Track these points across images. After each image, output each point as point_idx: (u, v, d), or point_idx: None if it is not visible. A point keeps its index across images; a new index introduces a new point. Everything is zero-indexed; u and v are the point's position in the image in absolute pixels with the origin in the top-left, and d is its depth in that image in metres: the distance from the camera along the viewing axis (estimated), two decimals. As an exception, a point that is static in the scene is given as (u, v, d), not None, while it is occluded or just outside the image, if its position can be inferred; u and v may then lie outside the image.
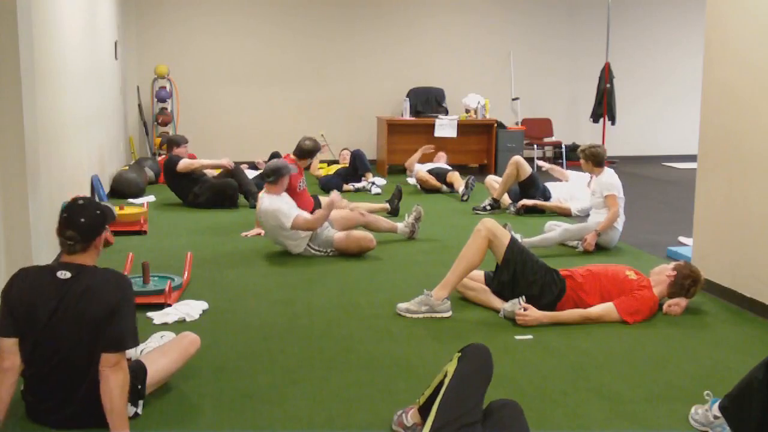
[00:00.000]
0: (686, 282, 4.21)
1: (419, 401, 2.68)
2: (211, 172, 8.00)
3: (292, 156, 6.38)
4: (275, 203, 5.31)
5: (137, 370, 2.82)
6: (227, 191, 7.41)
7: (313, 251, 5.47)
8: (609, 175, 5.82)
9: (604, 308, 4.06)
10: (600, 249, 5.71)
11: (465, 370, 2.46)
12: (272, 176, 5.38)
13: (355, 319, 4.09)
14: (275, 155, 8.15)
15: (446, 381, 2.45)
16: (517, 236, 5.47)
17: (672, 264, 4.34)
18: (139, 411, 2.83)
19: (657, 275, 4.28)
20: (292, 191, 6.23)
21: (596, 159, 5.84)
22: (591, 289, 4.13)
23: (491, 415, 2.38)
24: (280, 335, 3.83)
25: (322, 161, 10.41)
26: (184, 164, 7.38)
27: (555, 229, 5.92)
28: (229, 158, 7.77)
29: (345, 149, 9.62)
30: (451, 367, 2.49)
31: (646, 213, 6.19)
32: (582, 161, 5.96)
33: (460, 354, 2.55)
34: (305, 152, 6.33)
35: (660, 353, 3.66)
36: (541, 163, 8.00)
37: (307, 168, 6.81)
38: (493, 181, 7.56)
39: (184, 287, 4.54)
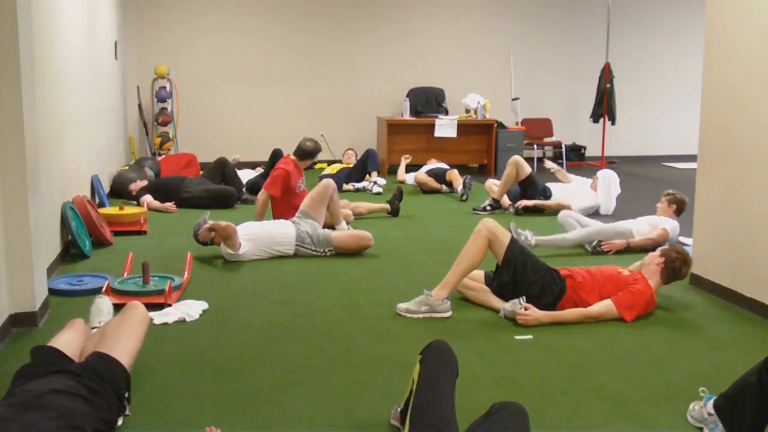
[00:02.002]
0: (677, 264, 4.25)
1: (401, 405, 2.69)
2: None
3: (292, 156, 6.37)
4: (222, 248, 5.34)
5: (119, 377, 2.70)
6: (226, 199, 7.47)
7: (310, 251, 5.46)
8: (676, 224, 5.87)
9: (604, 306, 4.07)
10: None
11: (428, 373, 2.48)
12: (205, 242, 5.38)
13: (355, 319, 4.09)
14: (277, 152, 8.19)
15: (414, 388, 2.46)
16: (528, 233, 5.46)
17: (658, 251, 4.36)
18: (128, 412, 2.79)
19: (647, 266, 4.30)
20: (291, 192, 6.23)
21: (681, 207, 5.92)
22: (591, 288, 4.15)
23: (490, 416, 2.38)
24: (280, 335, 3.83)
25: (321, 161, 10.44)
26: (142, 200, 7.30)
27: (571, 222, 5.92)
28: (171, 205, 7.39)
29: (350, 149, 9.64)
30: (415, 374, 2.51)
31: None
32: (665, 203, 6.01)
33: (421, 356, 2.56)
34: (306, 153, 6.32)
35: (660, 353, 3.66)
36: (548, 164, 7.98)
37: (308, 168, 6.80)
38: (492, 184, 7.58)
39: (184, 287, 4.54)
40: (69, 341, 2.87)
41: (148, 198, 7.26)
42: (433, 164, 9.06)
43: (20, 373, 2.63)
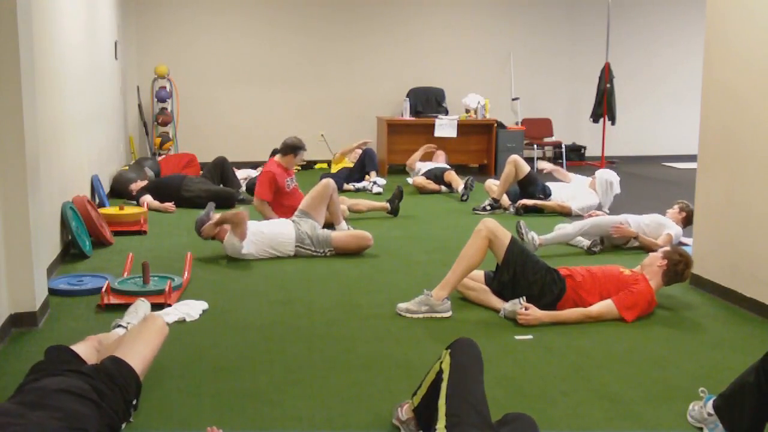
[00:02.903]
0: (679, 267, 4.25)
1: (413, 402, 2.68)
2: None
3: (276, 158, 6.35)
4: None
5: (131, 382, 2.71)
6: (226, 200, 7.48)
7: (310, 252, 5.46)
8: (680, 231, 5.88)
9: (604, 306, 4.07)
10: (606, 247, 5.73)
11: (461, 362, 2.47)
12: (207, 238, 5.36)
13: (355, 319, 4.09)
14: (277, 152, 8.20)
15: (445, 377, 2.45)
16: (533, 234, 5.46)
17: (660, 253, 4.36)
18: (132, 419, 2.78)
19: (649, 267, 4.29)
20: (280, 192, 6.23)
21: (689, 219, 5.87)
22: (591, 288, 4.14)
23: (504, 426, 2.38)
24: (280, 335, 3.83)
25: (321, 161, 10.44)
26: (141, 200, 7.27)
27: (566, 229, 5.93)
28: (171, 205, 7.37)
29: None
30: (445, 364, 2.50)
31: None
32: (676, 209, 6.02)
33: (450, 350, 2.56)
34: (288, 147, 6.30)
35: (660, 353, 3.66)
36: (542, 165, 7.95)
37: (308, 168, 6.78)
38: (492, 184, 7.57)
39: (184, 287, 4.54)
40: (82, 351, 2.89)
41: (147, 198, 7.26)
42: (433, 164, 9.04)
43: (33, 369, 2.64)
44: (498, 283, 4.23)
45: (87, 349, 2.97)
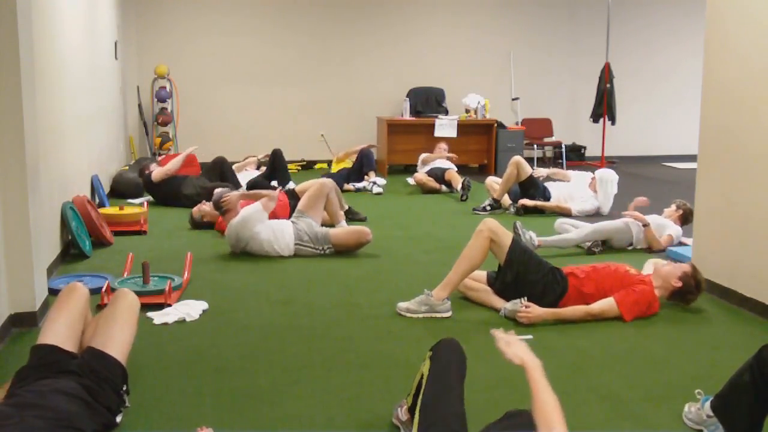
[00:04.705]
0: (689, 296, 4.26)
1: (407, 401, 2.69)
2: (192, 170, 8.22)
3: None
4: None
5: (116, 372, 2.71)
6: None
7: (309, 249, 5.45)
8: (680, 231, 5.91)
9: (606, 303, 4.07)
10: (608, 249, 5.73)
11: (438, 369, 2.48)
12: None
13: (355, 319, 4.09)
14: (277, 152, 8.22)
15: (423, 382, 2.46)
16: (531, 233, 5.46)
17: (679, 272, 4.27)
18: (128, 404, 2.80)
19: (663, 280, 4.24)
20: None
21: (687, 217, 5.91)
22: (592, 285, 4.13)
23: (503, 421, 2.38)
24: (280, 335, 3.83)
25: (321, 161, 10.44)
26: (158, 173, 7.52)
27: (567, 228, 5.92)
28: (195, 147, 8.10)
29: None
30: (425, 369, 2.50)
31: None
32: (674, 208, 6.05)
33: (431, 353, 2.56)
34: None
35: (660, 353, 3.66)
36: (539, 171, 7.75)
37: (307, 168, 6.77)
38: (493, 182, 7.55)
39: (184, 287, 4.54)
40: (66, 328, 2.80)
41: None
42: (435, 164, 9.03)
43: (22, 374, 2.62)
44: (501, 283, 4.23)
45: (70, 322, 2.84)
